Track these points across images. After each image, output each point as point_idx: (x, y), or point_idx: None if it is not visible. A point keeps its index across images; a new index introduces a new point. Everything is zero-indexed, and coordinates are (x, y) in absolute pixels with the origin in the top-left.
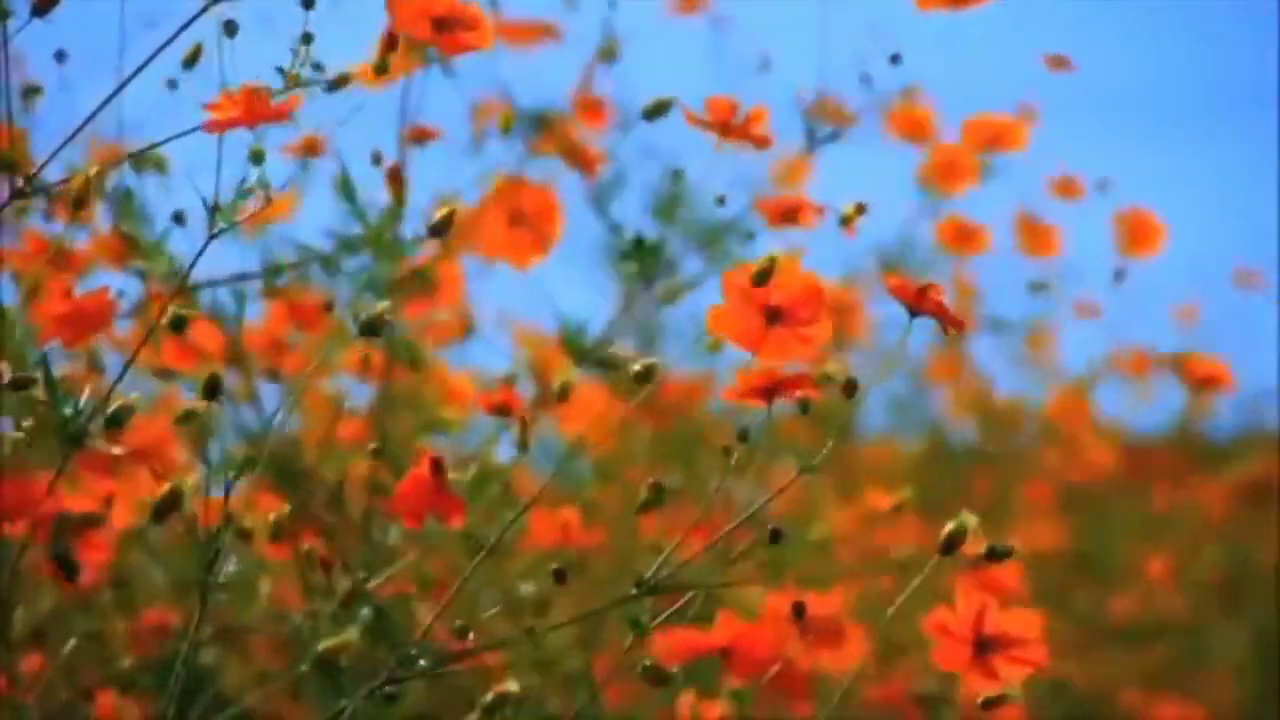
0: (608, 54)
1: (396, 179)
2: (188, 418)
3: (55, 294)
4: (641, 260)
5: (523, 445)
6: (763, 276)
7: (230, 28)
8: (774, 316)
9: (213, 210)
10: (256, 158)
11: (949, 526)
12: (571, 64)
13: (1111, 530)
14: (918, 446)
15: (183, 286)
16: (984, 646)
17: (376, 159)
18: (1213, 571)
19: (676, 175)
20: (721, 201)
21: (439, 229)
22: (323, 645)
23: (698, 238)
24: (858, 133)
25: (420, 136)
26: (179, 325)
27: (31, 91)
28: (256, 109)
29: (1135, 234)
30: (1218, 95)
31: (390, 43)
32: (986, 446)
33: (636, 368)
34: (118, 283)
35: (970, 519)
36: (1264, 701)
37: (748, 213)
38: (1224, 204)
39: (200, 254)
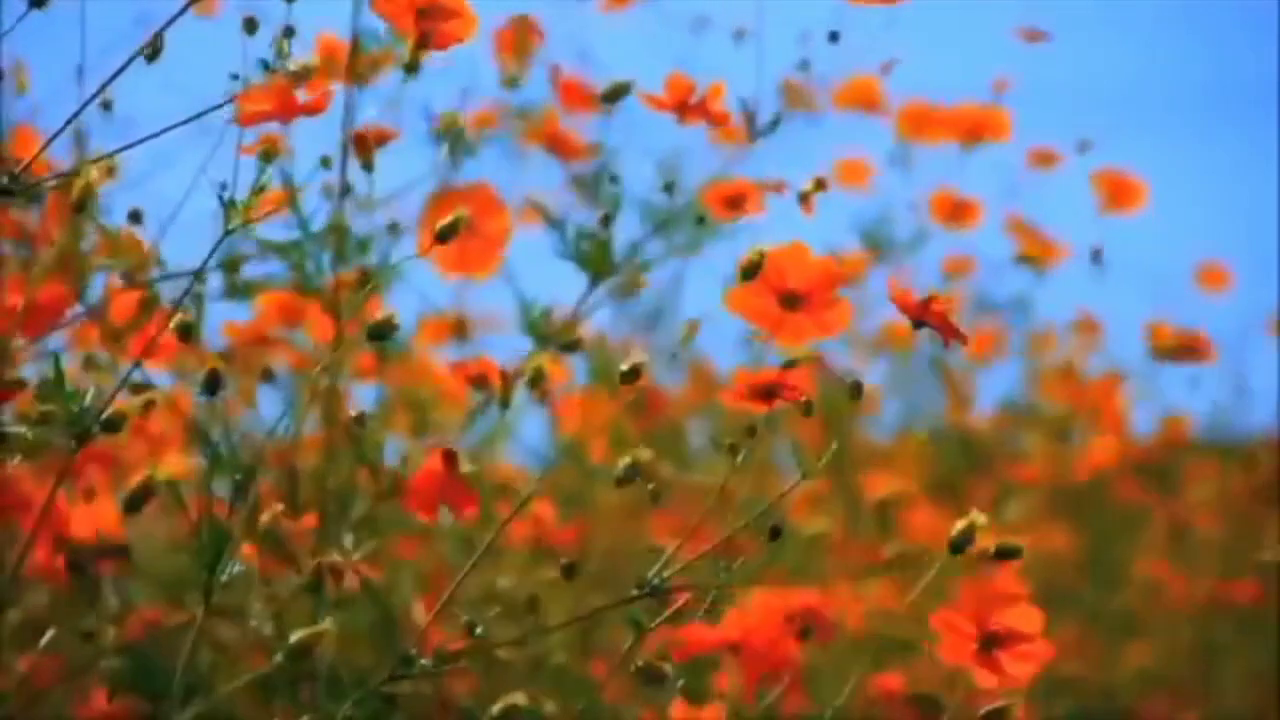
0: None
1: (365, 145)
2: (147, 406)
3: (10, 289)
4: (592, 256)
5: (504, 403)
6: (751, 270)
7: (250, 25)
8: (791, 301)
9: (228, 206)
10: (267, 156)
11: (958, 525)
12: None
13: (1114, 529)
14: (925, 442)
15: (151, 284)
16: (989, 642)
17: (325, 163)
18: (1214, 571)
19: (668, 186)
20: (669, 188)
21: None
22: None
23: (650, 225)
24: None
25: (378, 139)
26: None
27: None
28: (289, 103)
29: (1115, 194)
30: (1218, 95)
31: (421, 41)
32: (991, 443)
33: (624, 367)
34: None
35: (980, 518)
36: (1265, 701)
37: (697, 199)
38: (1224, 204)
39: (215, 249)
